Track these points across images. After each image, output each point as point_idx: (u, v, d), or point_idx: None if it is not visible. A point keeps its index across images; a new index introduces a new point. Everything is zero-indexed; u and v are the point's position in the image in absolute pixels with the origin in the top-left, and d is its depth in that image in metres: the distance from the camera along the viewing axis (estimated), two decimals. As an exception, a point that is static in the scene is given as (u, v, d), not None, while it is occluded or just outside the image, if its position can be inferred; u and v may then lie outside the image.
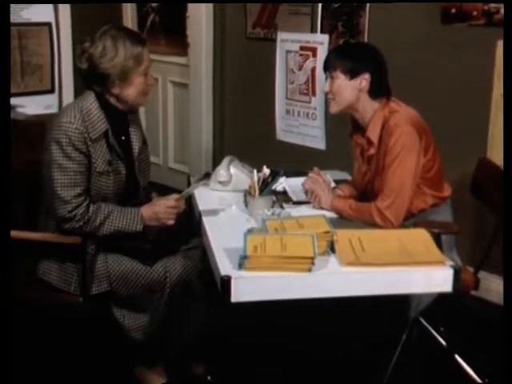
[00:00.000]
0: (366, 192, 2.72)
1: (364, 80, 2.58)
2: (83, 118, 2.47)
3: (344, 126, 2.86)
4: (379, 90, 2.61)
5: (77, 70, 2.58)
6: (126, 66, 2.48)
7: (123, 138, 2.64)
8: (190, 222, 2.74)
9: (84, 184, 2.48)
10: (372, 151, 2.63)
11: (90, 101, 2.52)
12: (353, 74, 2.58)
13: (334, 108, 2.67)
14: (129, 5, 5.40)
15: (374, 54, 2.66)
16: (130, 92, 2.53)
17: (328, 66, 2.66)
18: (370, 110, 2.61)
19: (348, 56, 2.61)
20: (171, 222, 2.56)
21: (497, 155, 3.16)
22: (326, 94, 2.69)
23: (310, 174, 2.75)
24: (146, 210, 2.55)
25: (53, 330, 2.75)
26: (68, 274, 2.53)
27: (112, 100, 2.55)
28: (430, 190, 2.65)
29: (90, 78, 2.53)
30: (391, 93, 2.65)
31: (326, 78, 2.67)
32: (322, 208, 2.62)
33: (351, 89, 2.60)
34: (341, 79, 2.60)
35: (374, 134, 2.59)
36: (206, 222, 2.50)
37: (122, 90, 2.52)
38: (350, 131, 2.78)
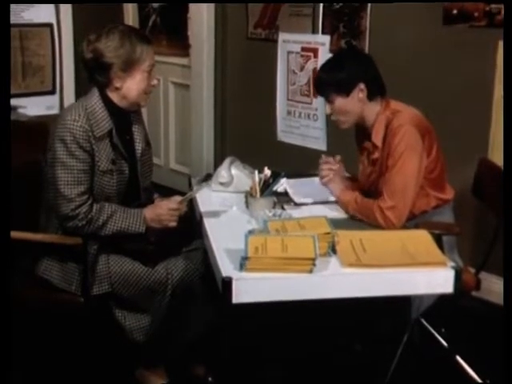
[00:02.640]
0: (369, 193, 2.72)
1: (360, 91, 2.57)
2: (87, 117, 2.47)
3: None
4: (376, 91, 2.61)
5: (80, 62, 2.57)
6: (129, 58, 2.48)
7: (128, 137, 2.64)
8: (191, 224, 2.74)
9: (87, 182, 2.48)
10: (377, 155, 2.62)
11: (95, 100, 2.53)
12: (347, 90, 2.57)
13: (345, 126, 2.67)
14: (130, 6, 5.41)
15: (356, 60, 2.65)
16: (132, 87, 2.53)
17: (321, 93, 2.67)
18: (372, 113, 2.60)
19: (335, 77, 2.58)
20: (173, 224, 2.56)
21: (498, 156, 3.16)
22: (329, 116, 2.69)
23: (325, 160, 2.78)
24: (149, 212, 2.55)
25: (53, 330, 2.76)
26: (69, 273, 2.53)
27: (114, 98, 2.55)
28: (433, 192, 2.65)
29: (94, 68, 2.52)
30: (385, 89, 2.65)
31: (325, 102, 2.66)
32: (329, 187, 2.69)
33: (352, 103, 2.59)
34: (338, 100, 2.59)
35: (377, 138, 2.59)
36: (207, 223, 2.50)
37: (123, 84, 2.52)
38: (355, 135, 2.78)
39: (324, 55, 4.06)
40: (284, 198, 2.71)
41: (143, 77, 2.53)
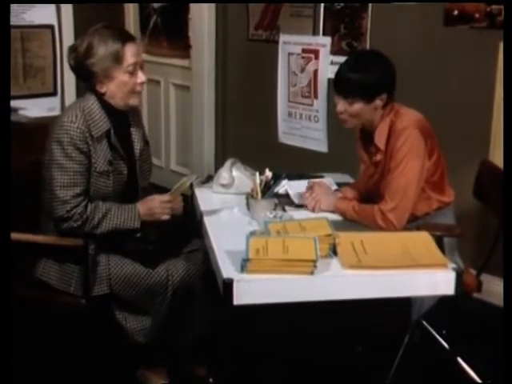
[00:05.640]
0: (371, 193, 2.72)
1: (380, 100, 2.55)
2: (85, 118, 2.47)
3: (346, 128, 2.85)
4: (392, 99, 2.60)
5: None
6: (105, 64, 2.46)
7: (126, 137, 2.64)
8: (190, 224, 2.75)
9: (83, 184, 2.48)
10: (379, 157, 2.62)
11: (92, 101, 2.53)
12: (372, 97, 2.54)
13: (351, 126, 2.64)
14: (131, 7, 5.41)
15: (386, 67, 2.57)
16: (115, 90, 2.51)
17: (343, 92, 2.57)
18: (378, 117, 2.60)
19: (366, 79, 2.52)
20: (166, 217, 2.56)
21: (499, 157, 3.15)
22: (340, 113, 2.61)
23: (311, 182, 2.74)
24: (142, 206, 2.55)
25: (54, 331, 2.76)
26: (68, 274, 2.53)
27: (107, 98, 2.54)
28: (434, 194, 2.64)
29: (79, 75, 2.54)
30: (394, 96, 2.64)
31: (337, 97, 2.59)
32: (322, 211, 2.62)
33: (369, 110, 2.56)
34: (359, 104, 2.54)
35: (380, 140, 2.58)
36: (208, 224, 2.50)
37: (107, 88, 2.51)
38: (357, 136, 2.77)
39: (325, 57, 4.07)
40: (285, 200, 2.71)
41: (126, 78, 2.50)
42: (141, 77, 2.54)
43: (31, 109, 4.28)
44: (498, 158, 3.21)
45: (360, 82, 2.53)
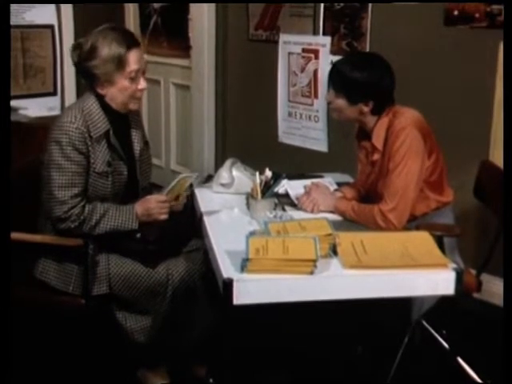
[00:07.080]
0: (369, 193, 2.72)
1: (365, 107, 2.56)
2: (84, 118, 2.47)
3: (346, 128, 2.86)
4: (382, 110, 2.59)
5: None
6: (107, 68, 2.45)
7: (126, 138, 2.63)
8: (190, 224, 2.74)
9: (81, 185, 2.48)
10: (376, 157, 2.62)
11: (91, 101, 2.52)
12: (355, 101, 2.55)
13: (335, 117, 2.69)
14: (131, 7, 5.41)
15: (378, 82, 2.54)
16: (116, 94, 2.51)
17: (331, 83, 2.61)
18: (372, 119, 2.59)
19: (353, 80, 2.53)
20: (163, 217, 2.55)
21: (499, 157, 3.15)
22: (328, 102, 2.68)
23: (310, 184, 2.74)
24: (139, 207, 2.54)
25: (53, 331, 2.75)
26: (67, 273, 2.53)
27: (107, 100, 2.54)
28: (433, 194, 2.64)
29: (80, 73, 2.54)
30: (394, 101, 2.63)
31: (329, 87, 2.63)
32: (321, 212, 2.61)
33: (353, 111, 2.58)
34: (341, 101, 2.57)
35: (378, 140, 2.58)
36: (208, 224, 2.49)
37: (107, 91, 2.51)
38: (356, 133, 2.77)
39: (325, 56, 4.07)
40: (285, 200, 2.70)
41: (126, 83, 2.49)
42: (142, 83, 2.53)
43: (31, 108, 4.29)
44: (498, 158, 3.21)
45: (348, 79, 2.54)
